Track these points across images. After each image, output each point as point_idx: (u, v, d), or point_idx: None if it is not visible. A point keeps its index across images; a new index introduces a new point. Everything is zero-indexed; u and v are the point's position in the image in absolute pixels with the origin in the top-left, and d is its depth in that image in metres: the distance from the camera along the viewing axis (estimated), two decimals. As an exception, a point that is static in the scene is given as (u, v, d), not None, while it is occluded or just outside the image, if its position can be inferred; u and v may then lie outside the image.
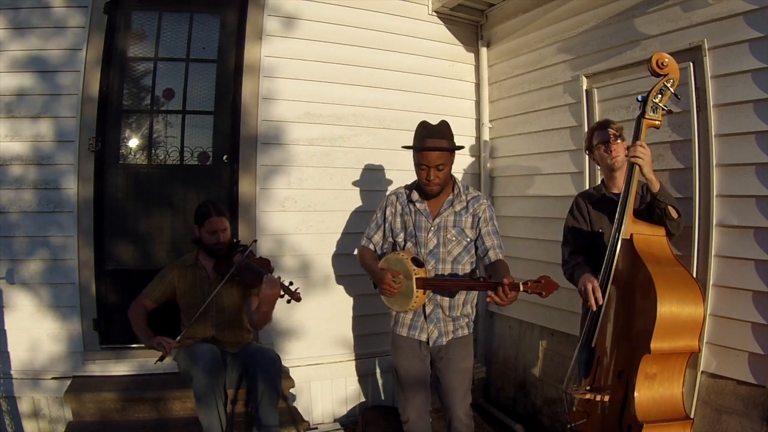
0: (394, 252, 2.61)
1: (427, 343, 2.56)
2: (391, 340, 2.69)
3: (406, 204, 2.61)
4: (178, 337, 2.62)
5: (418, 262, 2.48)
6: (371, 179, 3.66)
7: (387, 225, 2.66)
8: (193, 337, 2.72)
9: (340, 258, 3.58)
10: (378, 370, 3.71)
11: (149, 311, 2.79)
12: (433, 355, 2.59)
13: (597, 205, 2.48)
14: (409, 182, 2.71)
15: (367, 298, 3.65)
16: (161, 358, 2.56)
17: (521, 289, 2.11)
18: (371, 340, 3.68)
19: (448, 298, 2.53)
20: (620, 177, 2.43)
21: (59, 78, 3.02)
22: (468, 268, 2.55)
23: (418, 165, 2.48)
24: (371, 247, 2.71)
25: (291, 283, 2.63)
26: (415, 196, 2.58)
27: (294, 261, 3.46)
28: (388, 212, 2.66)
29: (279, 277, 2.64)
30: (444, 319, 2.54)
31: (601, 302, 2.15)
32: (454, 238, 2.51)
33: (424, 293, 2.45)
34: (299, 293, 2.61)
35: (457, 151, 2.53)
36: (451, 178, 2.57)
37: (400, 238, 2.61)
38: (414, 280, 2.41)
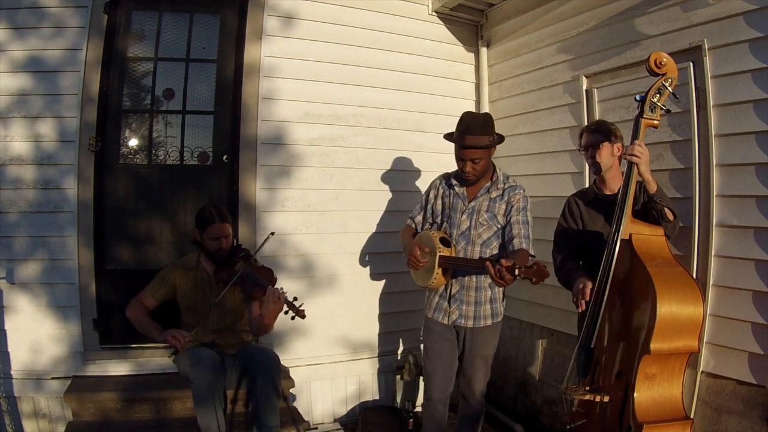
0: (427, 230, 2.75)
1: (449, 323, 2.65)
2: (424, 322, 2.80)
3: (446, 188, 2.74)
4: (193, 331, 2.63)
5: (446, 242, 2.61)
6: (371, 179, 3.66)
7: (429, 207, 2.80)
8: (193, 339, 2.71)
9: (340, 258, 3.58)
10: (379, 370, 3.71)
11: (150, 310, 2.77)
12: (459, 340, 2.68)
13: (591, 206, 2.48)
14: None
15: (369, 297, 3.67)
16: (175, 352, 2.55)
17: (516, 272, 2.15)
18: (372, 340, 3.69)
19: (475, 278, 2.61)
20: (611, 179, 2.44)
21: (59, 78, 3.02)
22: (496, 252, 2.62)
23: (457, 157, 2.60)
24: (413, 226, 2.87)
25: (295, 299, 2.60)
26: (455, 181, 2.73)
27: (294, 261, 3.46)
28: (431, 195, 2.80)
29: (282, 290, 2.59)
30: (467, 301, 2.62)
31: (587, 299, 2.17)
32: (485, 223, 2.61)
33: (444, 273, 2.57)
34: (304, 311, 2.58)
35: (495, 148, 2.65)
36: (493, 166, 2.68)
37: (439, 220, 2.74)
38: (437, 257, 2.53)
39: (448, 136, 2.63)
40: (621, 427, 2.06)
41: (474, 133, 2.50)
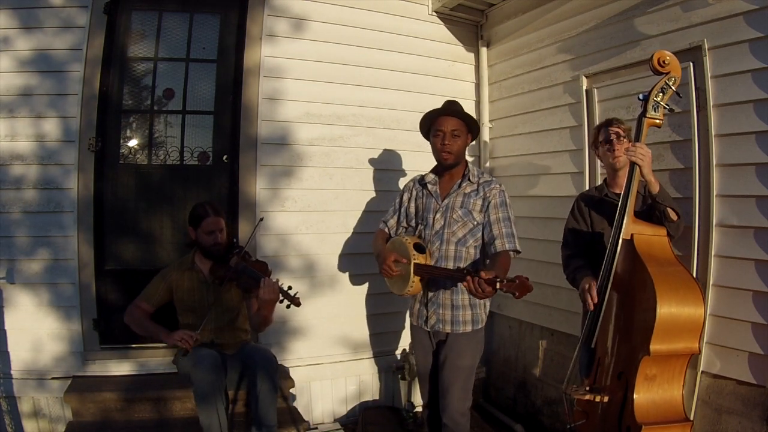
0: (400, 236, 2.70)
1: (429, 329, 2.59)
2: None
3: (420, 189, 2.70)
4: (199, 329, 2.62)
5: (420, 248, 2.55)
6: (371, 179, 3.66)
7: (402, 210, 2.76)
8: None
9: (340, 258, 3.58)
10: (379, 370, 3.71)
11: (149, 315, 2.78)
12: (437, 347, 2.61)
13: (597, 206, 2.48)
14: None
15: (368, 297, 3.67)
16: (185, 353, 2.56)
17: (497, 286, 2.03)
18: (372, 340, 3.69)
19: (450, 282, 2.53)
20: (623, 176, 2.41)
21: (59, 78, 3.02)
22: (472, 251, 2.54)
23: (435, 133, 2.56)
24: (386, 230, 2.82)
25: (290, 288, 2.61)
26: (429, 177, 2.66)
27: (295, 261, 3.46)
28: (405, 197, 2.76)
29: (278, 281, 2.60)
30: (444, 303, 2.54)
31: (595, 301, 2.15)
32: (459, 219, 2.52)
33: (420, 280, 2.51)
34: (299, 298, 2.58)
35: (471, 137, 2.65)
36: (465, 162, 2.62)
37: (414, 222, 2.71)
38: (412, 265, 2.48)
39: (423, 125, 2.67)
40: (620, 427, 2.06)
41: (451, 107, 2.59)
